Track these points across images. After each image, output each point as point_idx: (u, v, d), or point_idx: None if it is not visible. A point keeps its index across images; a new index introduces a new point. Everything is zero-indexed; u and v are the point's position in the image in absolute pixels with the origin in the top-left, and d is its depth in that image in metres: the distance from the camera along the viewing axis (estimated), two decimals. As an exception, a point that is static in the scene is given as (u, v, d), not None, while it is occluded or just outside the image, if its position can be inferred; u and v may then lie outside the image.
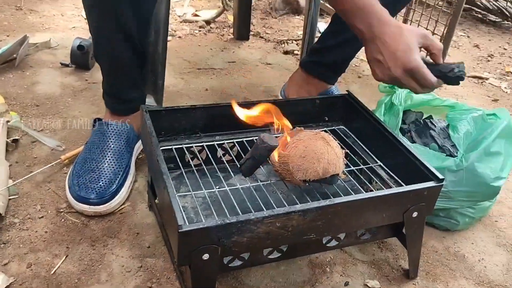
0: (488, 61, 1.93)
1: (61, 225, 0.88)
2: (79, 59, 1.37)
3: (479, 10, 2.31)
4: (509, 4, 2.24)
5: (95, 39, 0.94)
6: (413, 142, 1.00)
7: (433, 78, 0.81)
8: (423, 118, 1.09)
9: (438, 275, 0.90)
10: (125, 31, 0.89)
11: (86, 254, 0.83)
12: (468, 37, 2.15)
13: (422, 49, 0.83)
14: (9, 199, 0.91)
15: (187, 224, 0.62)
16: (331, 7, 1.77)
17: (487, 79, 1.77)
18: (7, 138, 1.05)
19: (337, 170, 0.80)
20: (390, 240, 0.94)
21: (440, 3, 1.57)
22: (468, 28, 2.24)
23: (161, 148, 0.76)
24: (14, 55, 1.37)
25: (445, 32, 1.39)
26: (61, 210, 0.91)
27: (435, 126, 1.02)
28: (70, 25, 1.68)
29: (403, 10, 1.52)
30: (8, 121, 1.09)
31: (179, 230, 0.61)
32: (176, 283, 0.81)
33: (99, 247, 0.85)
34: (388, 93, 1.07)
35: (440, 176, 0.77)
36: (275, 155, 0.79)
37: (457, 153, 0.95)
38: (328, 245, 0.79)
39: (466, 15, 2.33)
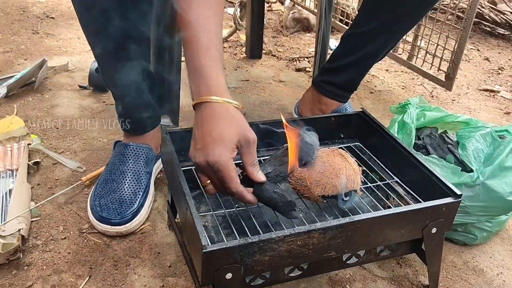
0: (499, 74, 1.94)
1: (84, 246, 0.90)
2: (97, 81, 1.40)
3: (487, 24, 2.32)
4: (517, 17, 2.25)
5: (100, 65, 0.96)
6: (428, 154, 1.00)
7: (239, 186, 0.69)
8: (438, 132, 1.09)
9: (458, 291, 0.90)
10: (127, 52, 0.90)
11: (109, 274, 0.85)
12: (478, 50, 2.16)
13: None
14: (32, 221, 0.93)
15: (210, 244, 0.63)
16: (342, 25, 1.79)
17: (498, 92, 1.77)
18: (29, 161, 1.07)
19: (355, 186, 0.81)
20: (409, 255, 0.94)
21: (450, 17, 1.59)
22: (478, 41, 2.25)
23: (182, 169, 0.77)
24: (33, 78, 1.40)
25: (456, 47, 1.40)
26: (84, 230, 0.93)
27: (451, 140, 1.03)
28: (86, 48, 1.72)
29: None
30: (29, 144, 1.12)
31: (203, 251, 0.62)
32: (198, 302, 0.81)
33: (121, 267, 0.86)
34: (399, 113, 1.07)
35: (458, 192, 0.77)
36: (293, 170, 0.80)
37: (473, 167, 0.95)
38: (348, 262, 0.80)
39: (475, 29, 2.35)
